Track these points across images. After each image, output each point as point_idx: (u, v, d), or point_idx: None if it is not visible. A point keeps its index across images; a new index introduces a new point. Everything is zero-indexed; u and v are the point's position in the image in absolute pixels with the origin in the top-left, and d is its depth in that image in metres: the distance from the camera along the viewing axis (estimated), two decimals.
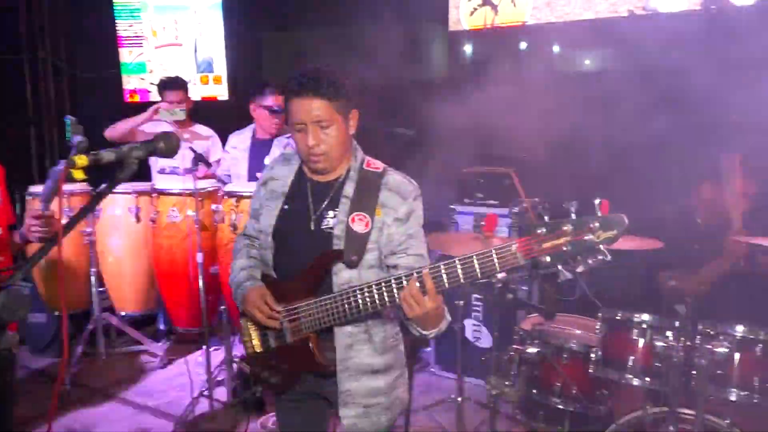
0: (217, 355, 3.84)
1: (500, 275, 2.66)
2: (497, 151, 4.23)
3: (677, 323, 2.31)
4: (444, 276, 1.63)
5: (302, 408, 2.09)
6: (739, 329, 2.28)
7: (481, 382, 3.57)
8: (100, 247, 3.86)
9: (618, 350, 2.41)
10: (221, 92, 5.43)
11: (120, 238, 3.75)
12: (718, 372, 2.26)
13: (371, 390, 1.93)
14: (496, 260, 1.56)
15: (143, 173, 4.14)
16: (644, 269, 3.11)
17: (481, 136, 4.74)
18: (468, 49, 4.87)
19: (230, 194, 3.25)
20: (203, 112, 4.65)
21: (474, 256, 1.58)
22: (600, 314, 2.53)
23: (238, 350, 3.81)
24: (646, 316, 2.38)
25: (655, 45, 4.12)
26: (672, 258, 2.84)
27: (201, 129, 4.25)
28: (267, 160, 3.73)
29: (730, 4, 3.92)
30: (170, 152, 1.51)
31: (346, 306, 1.79)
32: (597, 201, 1.49)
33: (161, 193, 3.46)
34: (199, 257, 3.27)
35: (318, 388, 2.02)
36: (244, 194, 3.22)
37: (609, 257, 1.46)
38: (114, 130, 3.91)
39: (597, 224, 1.46)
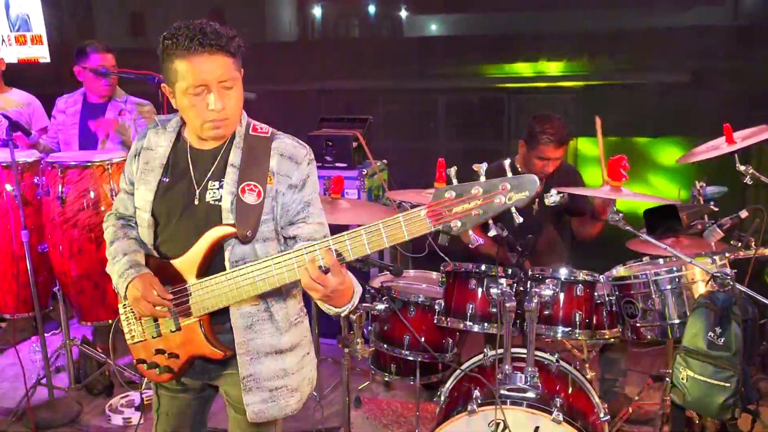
0: (54, 340, 3.57)
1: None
2: (344, 114, 4.24)
3: (510, 271, 2.48)
4: (349, 248, 1.52)
5: (186, 398, 1.95)
6: (563, 272, 2.50)
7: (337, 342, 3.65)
8: None
9: (458, 300, 2.55)
10: (42, 53, 4.88)
11: None
12: (546, 312, 2.47)
13: (277, 372, 1.79)
14: (404, 227, 1.46)
15: None
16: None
17: (327, 99, 4.74)
18: (316, 12, 4.80)
19: (54, 165, 2.97)
20: (22, 75, 4.20)
21: (381, 224, 1.47)
22: (441, 268, 2.66)
23: (78, 332, 3.57)
24: (482, 266, 2.53)
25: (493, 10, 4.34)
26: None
27: (18, 94, 3.83)
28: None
29: None
30: None
31: (242, 285, 1.64)
32: (507, 161, 1.45)
33: None
34: (24, 235, 2.97)
35: (209, 376, 1.87)
36: (70, 164, 2.96)
37: (521, 220, 1.42)
38: None
39: (508, 186, 1.40)
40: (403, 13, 4.59)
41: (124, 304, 1.88)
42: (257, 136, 1.77)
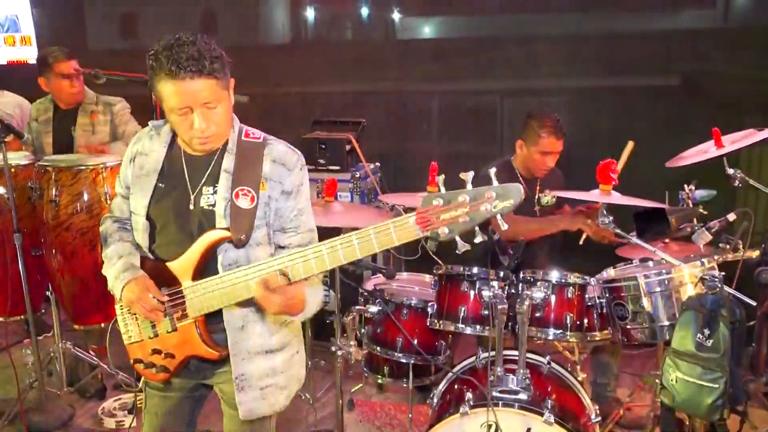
0: (47, 343, 3.56)
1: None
2: (337, 116, 4.25)
3: (502, 273, 2.50)
4: (341, 252, 1.57)
5: (176, 397, 1.98)
6: (554, 275, 2.52)
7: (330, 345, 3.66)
8: None
9: (451, 302, 2.56)
10: (31, 55, 4.85)
11: None
12: (537, 315, 2.49)
13: (267, 371, 1.85)
14: (393, 234, 1.52)
15: None
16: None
17: (320, 102, 4.75)
18: (309, 14, 4.81)
19: (48, 168, 2.98)
20: (11, 77, 4.18)
21: (371, 230, 1.53)
22: (434, 270, 2.68)
23: (70, 337, 3.56)
24: (474, 269, 2.55)
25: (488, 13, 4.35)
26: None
27: (9, 97, 3.82)
28: (74, 131, 3.49)
29: None
30: None
31: (235, 287, 1.69)
32: (492, 170, 1.48)
33: None
34: (18, 238, 2.97)
35: (203, 375, 1.92)
36: (64, 167, 2.96)
37: (506, 226, 1.45)
38: None
39: (494, 194, 1.44)
40: (396, 16, 4.60)
41: (121, 306, 1.91)
42: (250, 142, 1.80)
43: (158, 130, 1.87)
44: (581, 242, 2.93)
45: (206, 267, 1.76)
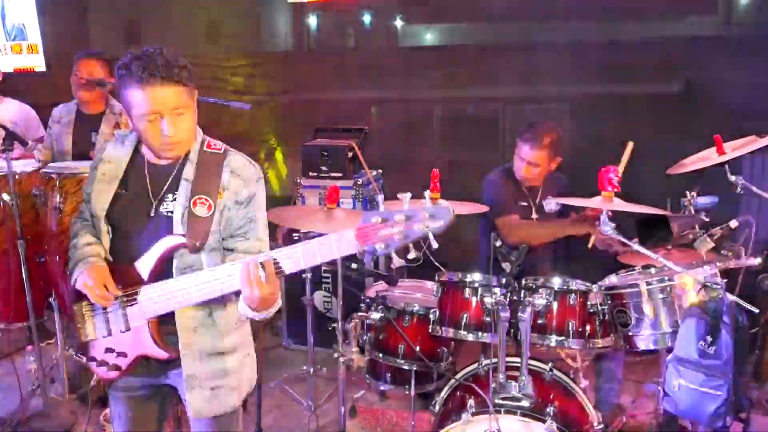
0: (50, 350, 3.56)
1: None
2: (339, 124, 4.27)
3: (504, 280, 2.50)
4: (286, 262, 1.67)
5: (140, 398, 2.02)
6: (556, 281, 2.52)
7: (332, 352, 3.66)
8: None
9: (453, 309, 2.57)
10: (38, 63, 4.90)
11: None
12: (540, 321, 2.49)
13: (218, 372, 1.92)
14: (334, 246, 1.62)
15: None
16: (476, 232, 3.33)
17: (323, 109, 4.76)
18: (312, 22, 4.84)
19: (52, 175, 2.99)
20: (18, 85, 4.21)
21: (316, 242, 1.63)
22: (436, 277, 2.68)
23: (73, 343, 3.56)
24: (477, 276, 2.55)
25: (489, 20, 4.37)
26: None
27: (13, 104, 3.85)
28: (95, 137, 3.50)
29: None
30: None
31: (188, 291, 1.76)
32: (427, 193, 1.61)
33: None
34: (21, 245, 2.99)
35: (160, 376, 1.97)
36: (67, 174, 2.97)
37: (437, 245, 1.55)
38: None
39: (426, 215, 1.54)
40: (399, 23, 4.62)
41: (79, 305, 1.97)
42: (211, 153, 1.90)
43: (122, 139, 1.96)
44: (589, 246, 2.93)
45: (162, 271, 1.83)
